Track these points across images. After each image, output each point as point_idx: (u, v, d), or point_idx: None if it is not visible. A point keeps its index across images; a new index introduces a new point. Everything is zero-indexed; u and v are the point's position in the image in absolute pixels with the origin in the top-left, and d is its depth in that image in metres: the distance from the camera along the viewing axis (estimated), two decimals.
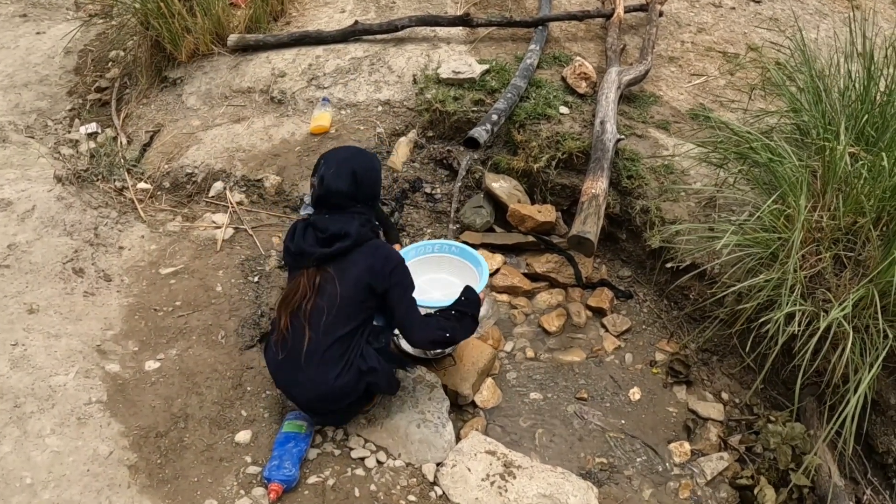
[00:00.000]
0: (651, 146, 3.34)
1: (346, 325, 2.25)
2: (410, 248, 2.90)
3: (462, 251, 2.87)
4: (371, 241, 2.34)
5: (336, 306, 2.24)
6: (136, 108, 3.96)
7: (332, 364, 2.24)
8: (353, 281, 2.25)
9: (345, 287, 2.25)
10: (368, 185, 2.38)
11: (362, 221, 2.33)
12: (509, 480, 2.31)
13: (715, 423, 2.84)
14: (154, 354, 2.67)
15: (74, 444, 2.30)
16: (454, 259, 2.88)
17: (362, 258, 2.28)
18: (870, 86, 3.06)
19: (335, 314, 2.24)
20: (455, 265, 2.88)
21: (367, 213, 2.38)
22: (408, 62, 3.78)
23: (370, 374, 2.28)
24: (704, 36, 4.10)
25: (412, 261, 2.83)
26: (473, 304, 2.46)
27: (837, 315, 2.39)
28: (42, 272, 2.92)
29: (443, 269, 2.89)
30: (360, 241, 2.29)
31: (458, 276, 2.84)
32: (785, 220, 2.73)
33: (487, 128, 3.05)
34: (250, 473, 2.31)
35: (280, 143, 3.55)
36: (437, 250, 2.90)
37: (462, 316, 2.41)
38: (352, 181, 2.32)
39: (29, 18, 4.84)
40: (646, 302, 3.21)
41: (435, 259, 2.90)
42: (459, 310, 2.41)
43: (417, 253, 2.89)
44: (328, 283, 2.26)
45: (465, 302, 2.45)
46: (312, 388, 2.27)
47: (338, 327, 2.24)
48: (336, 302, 2.24)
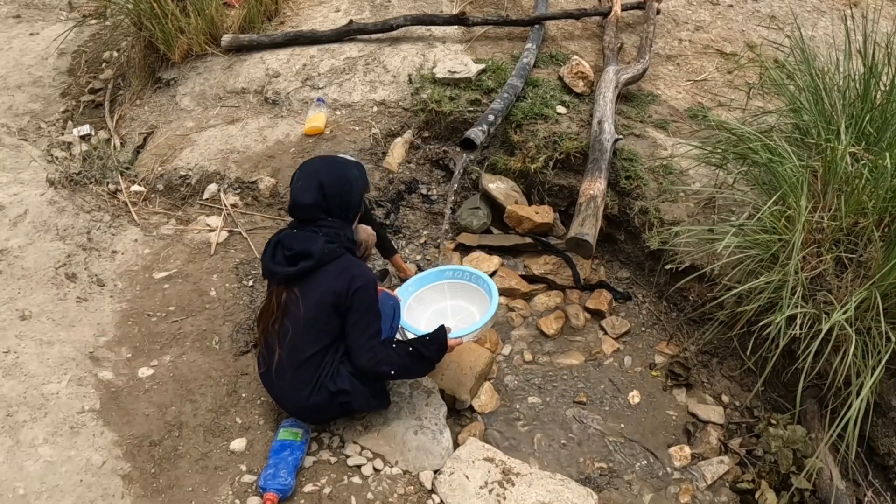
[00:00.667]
0: (649, 146, 3.31)
1: (313, 347, 2.22)
2: (426, 275, 2.80)
3: (472, 276, 2.76)
4: (340, 258, 2.25)
5: (300, 328, 2.21)
6: (129, 109, 3.92)
7: (302, 384, 2.24)
8: (315, 302, 2.20)
9: (307, 308, 2.20)
10: (339, 197, 2.27)
11: (330, 237, 2.24)
12: (508, 488, 2.28)
13: (715, 426, 2.81)
14: (148, 361, 2.64)
15: (67, 453, 2.27)
16: (468, 285, 2.77)
17: (326, 279, 2.21)
18: (870, 84, 3.03)
19: (300, 336, 2.22)
20: (456, 289, 2.79)
21: (339, 226, 2.28)
22: (403, 62, 3.74)
23: (341, 395, 2.25)
24: (702, 34, 4.06)
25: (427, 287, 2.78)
26: (437, 346, 2.31)
27: (839, 318, 2.36)
28: (34, 278, 2.88)
29: (462, 296, 2.78)
30: (324, 259, 2.21)
31: (464, 300, 2.77)
32: (785, 221, 2.70)
33: (484, 128, 3.02)
34: (245, 482, 2.28)
35: (274, 145, 3.51)
36: (452, 276, 2.79)
37: (419, 357, 2.28)
38: (318, 194, 2.24)
39: (23, 19, 4.80)
40: (645, 304, 3.18)
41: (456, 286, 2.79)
42: (419, 349, 2.28)
43: (433, 279, 2.80)
44: (293, 303, 2.22)
45: (427, 342, 2.31)
46: (290, 403, 2.32)
47: (304, 349, 2.22)
48: (300, 323, 2.21)
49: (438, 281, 2.79)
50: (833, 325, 2.36)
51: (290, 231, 2.31)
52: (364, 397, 2.31)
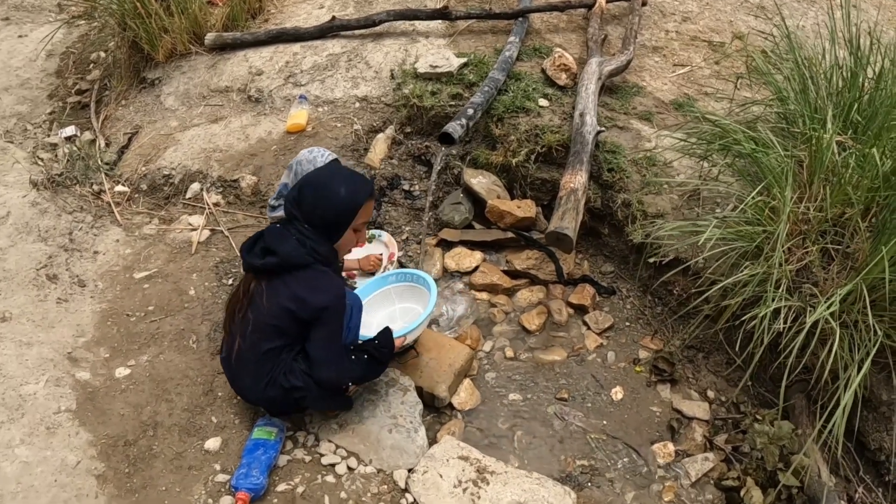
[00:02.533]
0: (633, 138, 3.27)
1: (271, 342, 2.22)
2: (370, 283, 2.81)
3: (415, 276, 2.76)
4: (310, 268, 2.21)
5: (261, 322, 2.21)
6: (115, 110, 3.92)
7: (259, 376, 2.25)
8: (277, 303, 2.19)
9: (270, 306, 2.20)
10: (315, 208, 2.21)
11: (301, 242, 2.20)
12: (482, 487, 2.26)
13: (700, 422, 2.77)
14: (125, 361, 2.64)
15: (43, 454, 2.27)
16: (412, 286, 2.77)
17: (294, 284, 2.18)
18: (857, 72, 2.97)
19: (260, 329, 2.22)
20: (402, 292, 2.79)
21: (312, 236, 2.22)
22: (385, 57, 3.72)
23: (295, 391, 2.25)
24: (689, 25, 4.01)
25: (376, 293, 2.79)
26: (387, 348, 2.34)
27: (824, 312, 2.32)
28: (15, 279, 2.89)
29: (409, 298, 2.78)
30: (287, 263, 2.18)
31: (410, 301, 2.77)
32: (770, 212, 2.66)
33: (462, 122, 2.99)
34: (219, 482, 2.27)
35: (257, 143, 3.50)
36: (395, 281, 2.80)
37: (374, 361, 2.32)
38: (295, 197, 2.23)
39: (11, 22, 4.81)
40: (629, 298, 3.14)
41: (401, 289, 2.80)
42: (373, 354, 2.31)
43: (379, 285, 2.81)
44: (258, 295, 2.22)
45: (378, 346, 2.33)
46: (247, 392, 2.35)
47: (263, 342, 2.22)
48: (261, 318, 2.21)
49: (383, 287, 2.79)
50: (818, 319, 2.32)
51: (274, 226, 2.31)
52: (321, 398, 2.30)
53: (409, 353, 2.71)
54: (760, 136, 2.83)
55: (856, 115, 2.86)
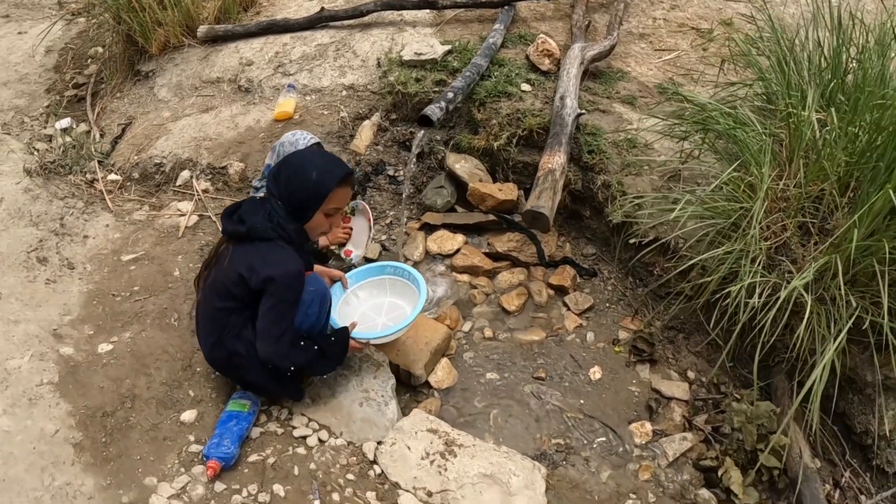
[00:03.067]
0: (615, 121, 3.27)
1: (223, 302, 2.28)
2: (367, 269, 2.76)
3: (411, 277, 2.70)
4: (271, 242, 2.25)
5: (219, 282, 2.30)
6: (110, 102, 4.01)
7: (209, 333, 2.35)
8: (234, 267, 2.25)
9: (228, 269, 2.27)
10: (287, 185, 2.28)
11: (269, 216, 2.25)
12: (450, 459, 2.28)
13: (679, 402, 2.76)
14: (108, 338, 2.69)
15: (23, 423, 2.33)
16: (395, 280, 2.74)
17: (253, 253, 2.23)
18: (840, 51, 2.96)
19: (216, 288, 2.31)
20: (397, 286, 2.74)
21: (281, 214, 2.27)
22: (372, 46, 3.77)
23: (236, 356, 2.29)
24: (678, 12, 4.01)
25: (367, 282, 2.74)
26: (340, 347, 2.36)
27: (797, 284, 2.30)
28: (6, 262, 2.96)
29: (400, 294, 2.72)
30: (252, 233, 2.24)
31: (402, 298, 2.71)
32: (748, 188, 2.65)
33: (442, 105, 3.02)
34: (192, 452, 2.31)
35: (245, 131, 3.56)
36: (392, 273, 2.74)
37: (321, 355, 2.32)
38: (272, 175, 2.35)
39: (11, 19, 4.94)
40: (610, 280, 3.14)
41: (396, 283, 2.74)
42: (323, 349, 2.32)
43: (377, 273, 2.76)
44: (223, 258, 2.32)
45: (332, 343, 2.35)
46: (202, 347, 2.43)
47: (216, 300, 2.30)
48: (219, 278, 2.30)
49: (379, 276, 2.75)
50: (792, 293, 2.30)
51: (254, 198, 2.43)
52: (260, 375, 2.32)
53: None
54: (739, 115, 2.83)
55: (839, 95, 2.85)
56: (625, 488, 2.46)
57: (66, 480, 2.18)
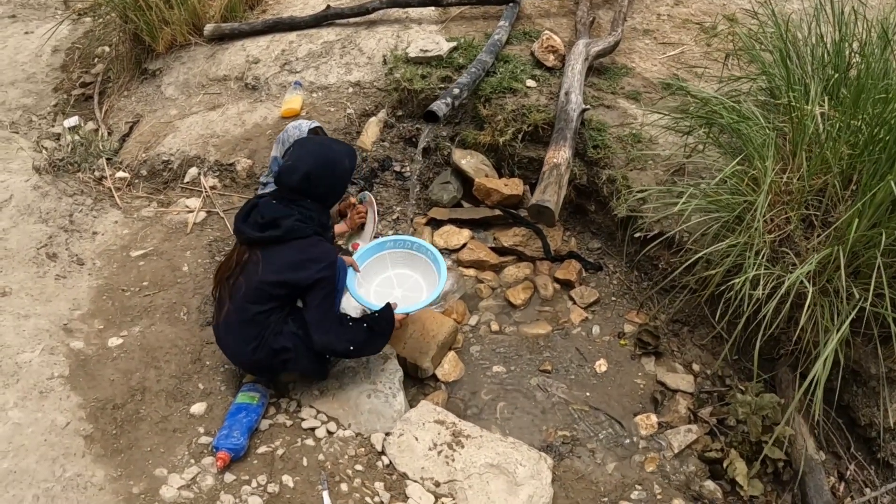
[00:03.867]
0: (619, 116, 3.29)
1: (262, 306, 2.30)
2: (388, 240, 2.85)
3: (414, 245, 2.81)
4: (308, 238, 2.33)
5: (252, 288, 2.29)
6: (117, 100, 4.04)
7: (248, 339, 2.32)
8: (274, 270, 2.28)
9: (265, 273, 2.28)
10: (323, 186, 2.37)
11: (303, 217, 2.33)
12: (457, 449, 2.29)
13: (685, 394, 2.78)
14: (118, 332, 2.72)
15: (35, 416, 2.36)
16: (409, 253, 2.82)
17: (291, 253, 2.30)
18: (842, 45, 2.97)
19: (252, 295, 2.30)
20: (410, 259, 2.83)
21: (314, 210, 2.37)
22: (378, 43, 3.79)
23: (283, 353, 2.33)
24: (682, 8, 4.02)
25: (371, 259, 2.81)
26: (386, 322, 2.42)
27: (801, 273, 2.31)
28: (16, 258, 2.99)
29: (404, 264, 2.83)
30: (290, 235, 2.29)
31: (407, 268, 2.81)
32: (752, 182, 2.66)
33: (448, 101, 3.04)
34: (202, 443, 2.34)
35: (252, 128, 3.58)
36: (414, 249, 2.82)
37: (372, 333, 2.39)
38: (303, 180, 2.34)
39: (18, 19, 4.97)
40: (616, 273, 3.16)
41: (397, 255, 2.84)
42: (371, 325, 2.39)
43: (395, 246, 2.85)
44: (253, 264, 2.31)
45: (377, 318, 2.41)
46: (236, 356, 2.41)
47: (253, 307, 2.30)
48: (253, 284, 2.29)
49: (380, 252, 2.83)
50: (794, 284, 2.31)
51: (269, 200, 2.39)
52: (308, 361, 2.37)
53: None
54: (743, 109, 2.85)
55: (842, 89, 2.86)
56: (630, 480, 2.47)
57: (77, 471, 2.21)
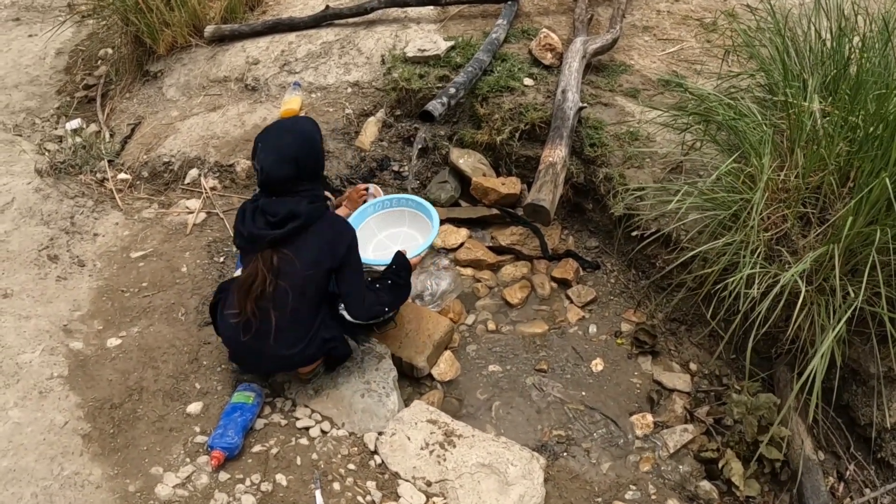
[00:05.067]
0: (617, 114, 3.28)
1: (312, 302, 2.31)
2: (368, 206, 2.91)
3: (417, 204, 2.88)
4: (324, 216, 2.32)
5: (299, 286, 2.25)
6: (119, 102, 4.08)
7: (299, 339, 2.32)
8: (311, 260, 2.25)
9: (304, 266, 2.24)
10: (311, 162, 2.31)
11: (311, 199, 2.29)
12: (448, 449, 2.30)
13: (681, 394, 2.77)
14: (117, 332, 2.75)
15: (34, 415, 2.39)
16: (411, 212, 2.89)
17: (316, 237, 2.27)
18: (841, 40, 2.94)
19: (300, 295, 2.26)
20: (413, 218, 2.90)
21: (315, 188, 2.33)
22: (377, 43, 3.80)
23: (332, 341, 2.38)
24: (681, 4, 4.00)
25: (372, 217, 2.88)
26: (404, 270, 2.48)
27: (796, 272, 2.30)
28: (17, 259, 3.02)
29: (403, 223, 2.91)
30: (311, 219, 2.27)
31: (416, 230, 2.87)
32: (748, 179, 2.64)
33: (444, 101, 3.04)
34: (198, 443, 2.36)
35: (252, 129, 3.60)
36: (394, 205, 2.91)
37: (395, 285, 2.44)
38: (293, 168, 2.24)
39: (22, 22, 5.02)
40: (613, 272, 3.15)
41: (395, 214, 2.92)
42: (393, 279, 2.44)
43: (375, 210, 2.91)
44: (287, 264, 2.23)
45: (395, 270, 2.46)
46: (276, 362, 2.40)
47: (304, 307, 2.29)
48: (298, 282, 2.25)
49: (363, 221, 2.88)
50: (789, 283, 2.30)
51: (268, 199, 2.28)
52: (344, 343, 2.45)
53: (389, 325, 2.76)
54: (739, 106, 2.83)
55: (841, 85, 2.83)
56: (625, 479, 2.47)
57: (75, 470, 2.24)
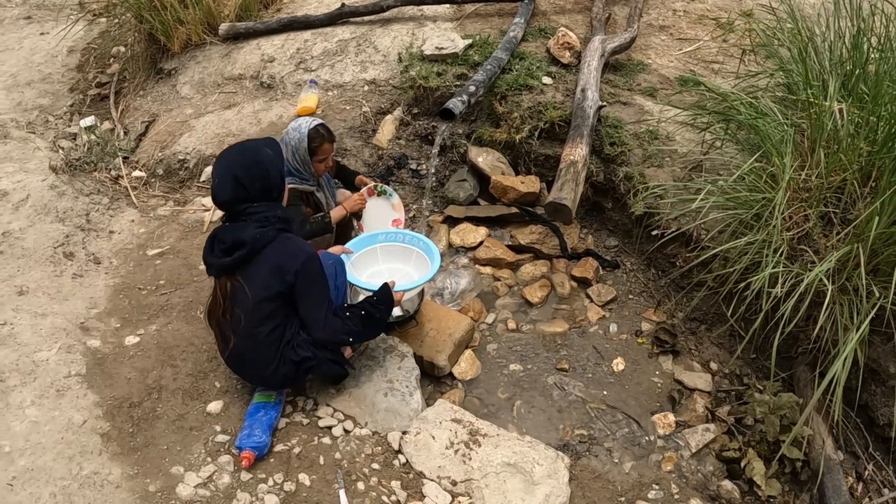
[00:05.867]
0: (636, 113, 3.26)
1: (266, 325, 2.25)
2: (380, 233, 2.80)
3: (426, 248, 2.71)
4: (276, 240, 2.24)
5: (250, 312, 2.24)
6: (133, 100, 4.06)
7: (266, 362, 2.29)
8: (261, 286, 2.22)
9: (254, 293, 2.22)
10: (257, 182, 2.23)
11: (260, 223, 2.23)
12: (474, 448, 2.28)
13: (702, 393, 2.75)
14: (135, 330, 2.72)
15: (52, 414, 2.36)
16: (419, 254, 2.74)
17: (267, 262, 2.22)
18: (860, 40, 2.92)
19: (252, 320, 2.25)
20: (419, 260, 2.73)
21: (267, 209, 2.25)
22: (393, 41, 3.78)
23: (305, 362, 2.30)
24: (697, 3, 3.99)
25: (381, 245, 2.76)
26: (385, 303, 2.38)
27: (819, 271, 2.28)
28: (33, 257, 3.00)
29: (409, 261, 2.75)
30: (257, 246, 2.21)
31: (417, 272, 2.70)
32: (770, 179, 2.63)
33: (464, 98, 3.02)
34: (219, 442, 2.33)
35: (268, 126, 3.59)
36: (406, 241, 2.76)
37: (371, 318, 2.34)
38: (235, 186, 2.21)
39: (33, 20, 5.01)
40: (633, 271, 3.13)
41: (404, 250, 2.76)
42: (368, 310, 2.35)
43: (387, 239, 2.78)
44: (238, 291, 2.24)
45: (375, 301, 2.38)
46: (259, 380, 2.39)
47: (258, 331, 2.25)
48: (249, 308, 2.24)
49: (371, 245, 2.76)
50: (813, 282, 2.28)
51: (222, 225, 2.31)
52: (327, 363, 2.35)
53: (410, 323, 2.74)
54: (760, 105, 2.81)
55: (860, 85, 2.82)
56: (647, 479, 2.45)
57: (94, 469, 2.21)
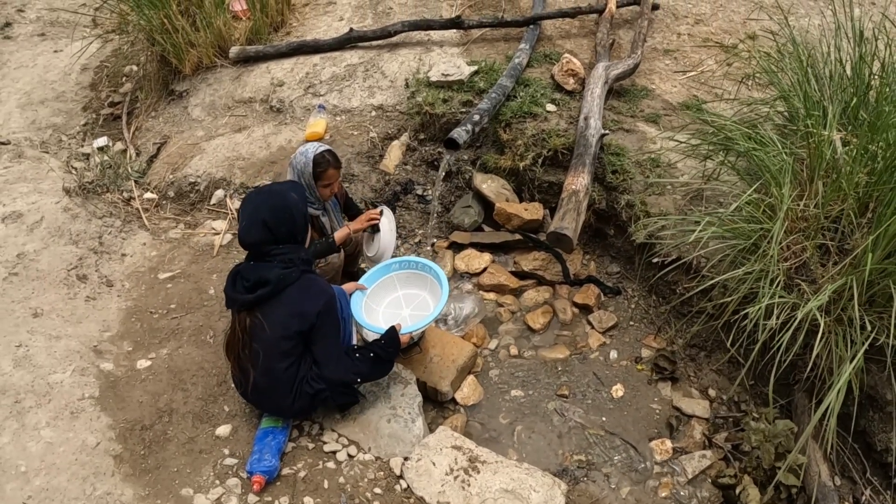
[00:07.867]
0: (638, 140, 3.31)
1: (284, 362, 2.35)
2: (394, 262, 2.86)
3: (419, 265, 2.83)
4: (299, 281, 2.35)
5: (269, 348, 2.34)
6: (145, 120, 4.14)
7: (282, 396, 2.38)
8: (279, 325, 2.32)
9: (273, 330, 2.32)
10: (283, 226, 2.35)
11: (285, 263, 2.34)
12: (473, 475, 2.33)
13: (700, 420, 2.79)
14: (146, 354, 2.80)
15: (66, 435, 2.44)
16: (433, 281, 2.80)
17: (288, 301, 2.33)
18: (861, 67, 2.95)
19: (270, 356, 2.35)
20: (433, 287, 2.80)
21: (292, 251, 2.37)
22: (401, 67, 3.85)
23: (320, 394, 2.40)
24: (702, 27, 4.03)
25: (397, 273, 2.84)
26: (392, 346, 2.48)
27: (813, 306, 2.32)
28: (47, 279, 3.08)
29: (424, 287, 2.84)
30: (281, 285, 2.32)
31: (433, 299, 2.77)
32: (768, 209, 2.67)
33: (468, 128, 3.08)
34: (227, 465, 2.40)
35: (277, 151, 3.66)
36: (420, 269, 2.84)
37: (379, 360, 2.45)
38: (263, 231, 2.33)
39: (47, 37, 5.09)
40: (634, 298, 3.18)
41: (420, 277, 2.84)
42: (376, 352, 2.45)
43: (401, 267, 2.86)
44: (257, 327, 2.34)
45: (383, 344, 2.47)
46: (278, 412, 2.48)
47: (276, 367, 2.35)
48: (268, 345, 2.34)
49: (387, 274, 2.85)
50: (808, 314, 2.32)
51: (247, 264, 2.42)
52: (341, 394, 2.46)
53: (414, 350, 2.80)
54: (760, 135, 2.85)
55: (861, 112, 2.85)
56: None
57: (107, 490, 2.28)
